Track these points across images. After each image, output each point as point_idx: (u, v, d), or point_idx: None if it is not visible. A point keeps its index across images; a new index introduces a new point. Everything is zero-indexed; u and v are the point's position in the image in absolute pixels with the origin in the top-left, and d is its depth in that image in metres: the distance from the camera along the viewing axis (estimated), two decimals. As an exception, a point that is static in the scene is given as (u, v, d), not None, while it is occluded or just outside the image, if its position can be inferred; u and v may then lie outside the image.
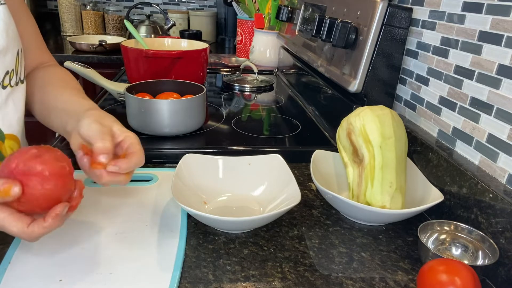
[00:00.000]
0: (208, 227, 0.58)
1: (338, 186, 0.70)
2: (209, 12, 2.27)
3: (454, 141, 0.67)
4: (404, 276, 0.51)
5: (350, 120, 0.63)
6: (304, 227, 0.60)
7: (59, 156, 0.43)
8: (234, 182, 0.67)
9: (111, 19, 2.19)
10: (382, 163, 0.59)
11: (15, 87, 0.60)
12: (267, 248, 0.55)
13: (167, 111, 0.81)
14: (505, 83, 0.56)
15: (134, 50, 1.09)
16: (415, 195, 0.63)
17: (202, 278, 0.48)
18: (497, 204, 0.52)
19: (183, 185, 0.62)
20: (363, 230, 0.60)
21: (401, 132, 0.62)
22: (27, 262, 0.49)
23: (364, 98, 0.80)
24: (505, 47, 0.56)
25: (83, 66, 1.03)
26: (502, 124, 0.56)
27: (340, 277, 0.50)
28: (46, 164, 0.41)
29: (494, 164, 0.58)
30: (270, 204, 0.62)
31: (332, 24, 0.83)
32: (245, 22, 1.72)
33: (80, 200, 0.46)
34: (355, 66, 0.79)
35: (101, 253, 0.51)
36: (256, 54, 1.60)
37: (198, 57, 1.14)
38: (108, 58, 1.77)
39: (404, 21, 0.75)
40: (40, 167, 0.41)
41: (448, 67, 0.68)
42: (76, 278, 0.46)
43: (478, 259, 0.52)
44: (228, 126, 0.94)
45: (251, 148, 0.81)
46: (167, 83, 0.94)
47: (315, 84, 1.06)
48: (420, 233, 0.54)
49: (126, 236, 0.54)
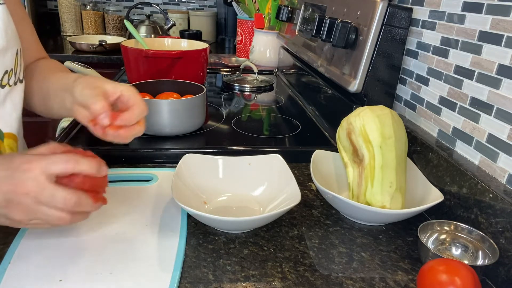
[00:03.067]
0: (208, 227, 0.58)
1: (338, 186, 0.70)
2: (209, 12, 2.27)
3: (454, 141, 0.67)
4: (404, 276, 0.51)
5: (350, 120, 0.63)
6: (304, 227, 0.60)
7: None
8: (234, 182, 0.67)
9: (111, 19, 2.19)
10: (382, 163, 0.59)
11: (13, 86, 0.60)
12: (267, 248, 0.55)
13: (167, 111, 0.81)
14: (505, 83, 0.56)
15: (134, 50, 1.09)
16: (415, 195, 0.63)
17: (202, 278, 0.48)
18: (497, 204, 0.52)
19: (183, 185, 0.61)
20: (363, 230, 0.60)
21: (401, 132, 0.62)
22: (27, 262, 0.49)
23: (364, 98, 0.80)
24: (505, 47, 0.56)
25: (83, 66, 1.03)
26: (502, 124, 0.56)
27: (340, 277, 0.50)
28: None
29: (494, 164, 0.58)
30: (270, 204, 0.62)
31: (332, 24, 0.83)
32: (245, 22, 1.72)
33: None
34: (355, 66, 0.79)
35: (101, 253, 0.51)
36: (256, 54, 1.60)
37: (198, 57, 1.14)
38: (108, 58, 1.77)
39: (404, 21, 0.75)
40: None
41: (448, 67, 0.68)
42: (76, 278, 0.46)
43: (478, 259, 0.52)
44: (228, 126, 0.94)
45: (251, 148, 0.81)
46: (167, 83, 0.94)
47: (315, 84, 1.06)
48: (420, 233, 0.54)
49: (126, 236, 0.54)
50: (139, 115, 0.52)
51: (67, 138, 0.82)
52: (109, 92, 0.52)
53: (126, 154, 0.77)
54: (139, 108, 0.52)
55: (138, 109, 0.52)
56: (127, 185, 0.67)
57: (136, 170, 0.73)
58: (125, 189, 0.66)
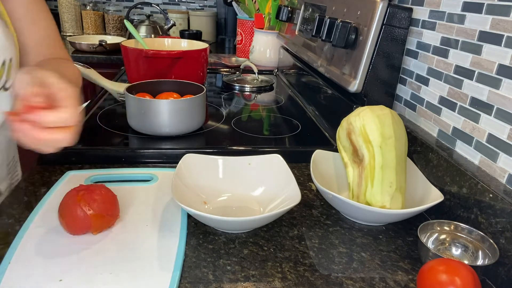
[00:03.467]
0: (208, 227, 0.58)
1: (338, 186, 0.70)
2: (209, 12, 2.27)
3: (454, 141, 0.67)
4: (404, 276, 0.51)
5: (350, 120, 0.63)
6: (304, 227, 0.60)
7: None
8: (234, 182, 0.67)
9: (111, 19, 2.19)
10: (382, 163, 0.59)
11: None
12: (267, 248, 0.55)
13: (167, 111, 0.81)
14: (505, 83, 0.56)
15: (134, 50, 1.09)
16: (415, 195, 0.63)
17: (202, 278, 0.48)
18: (497, 204, 0.52)
19: (183, 185, 0.61)
20: (363, 230, 0.60)
21: (401, 132, 0.62)
22: (27, 262, 0.49)
23: (364, 98, 0.80)
24: (505, 47, 0.56)
25: (83, 66, 1.02)
26: (502, 124, 0.56)
27: (340, 277, 0.50)
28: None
29: (494, 164, 0.58)
30: (270, 204, 0.62)
31: (332, 24, 0.83)
32: (245, 22, 1.72)
33: None
34: (355, 66, 0.79)
35: (101, 253, 0.51)
36: (256, 54, 1.60)
37: (198, 57, 1.14)
38: (108, 58, 1.77)
39: (404, 21, 0.75)
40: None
41: (448, 67, 0.68)
42: (76, 278, 0.46)
43: (478, 259, 0.52)
44: (228, 126, 0.94)
45: (251, 148, 0.81)
46: (167, 83, 0.94)
47: (315, 84, 1.06)
48: (420, 233, 0.54)
49: (126, 236, 0.54)
50: (63, 119, 0.44)
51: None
52: (48, 84, 0.46)
53: (126, 154, 0.77)
54: (67, 112, 0.44)
55: (65, 113, 0.44)
56: (127, 185, 0.67)
57: (136, 170, 0.73)
58: (125, 189, 0.66)
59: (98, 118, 0.93)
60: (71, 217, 0.51)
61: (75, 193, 0.52)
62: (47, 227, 0.55)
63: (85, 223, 0.52)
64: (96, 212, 0.52)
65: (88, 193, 0.53)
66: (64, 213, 0.52)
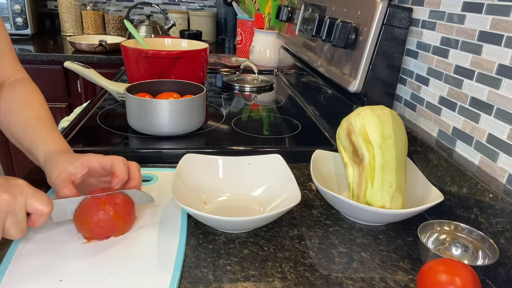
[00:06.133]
0: (208, 227, 0.58)
1: (338, 186, 0.70)
2: (209, 12, 2.27)
3: (454, 141, 0.67)
4: (404, 276, 0.51)
5: (350, 120, 0.63)
6: (304, 227, 0.60)
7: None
8: (234, 182, 0.67)
9: (111, 19, 2.19)
10: (382, 163, 0.59)
11: None
12: (267, 248, 0.55)
13: (167, 111, 0.81)
14: (505, 83, 0.56)
15: (134, 50, 1.09)
16: (415, 195, 0.63)
17: (202, 278, 0.48)
18: (497, 204, 0.52)
19: (183, 185, 0.62)
20: (363, 230, 0.60)
21: (401, 132, 0.62)
22: (27, 262, 0.49)
23: (364, 98, 0.80)
24: (505, 47, 0.56)
25: (83, 66, 1.02)
26: (502, 124, 0.56)
27: (340, 277, 0.50)
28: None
29: (494, 164, 0.58)
30: (270, 204, 0.62)
31: (332, 24, 0.83)
32: (245, 22, 1.72)
33: None
34: (355, 66, 0.79)
35: (101, 253, 0.51)
36: (256, 54, 1.60)
37: (198, 57, 1.14)
38: (108, 58, 1.77)
39: (404, 21, 0.75)
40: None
41: (448, 67, 0.68)
42: (76, 278, 0.46)
43: (478, 259, 0.52)
44: (228, 126, 0.94)
45: (251, 148, 0.81)
46: (167, 83, 0.94)
47: (315, 84, 1.06)
48: (420, 233, 0.54)
49: (126, 236, 0.54)
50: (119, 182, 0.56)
51: (67, 138, 0.82)
52: (73, 173, 0.55)
53: (126, 154, 0.77)
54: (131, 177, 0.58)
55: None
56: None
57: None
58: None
59: (98, 118, 0.93)
60: (96, 221, 0.52)
61: (96, 199, 0.53)
62: (47, 227, 0.55)
63: (110, 226, 0.52)
64: (121, 215, 0.53)
65: (110, 197, 0.53)
66: (86, 219, 0.52)
